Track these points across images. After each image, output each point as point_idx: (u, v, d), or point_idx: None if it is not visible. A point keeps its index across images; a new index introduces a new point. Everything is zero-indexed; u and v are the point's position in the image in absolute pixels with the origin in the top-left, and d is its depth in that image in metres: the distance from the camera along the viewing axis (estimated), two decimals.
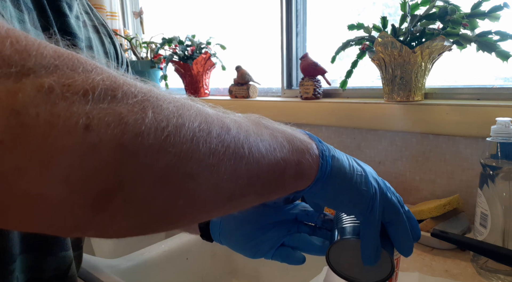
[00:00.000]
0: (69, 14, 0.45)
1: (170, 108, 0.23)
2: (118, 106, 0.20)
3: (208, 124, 0.24)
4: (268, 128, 0.31)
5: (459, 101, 0.83)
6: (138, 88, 0.22)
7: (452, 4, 0.76)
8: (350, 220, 0.40)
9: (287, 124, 0.38)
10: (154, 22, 1.67)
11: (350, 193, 0.34)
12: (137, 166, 0.20)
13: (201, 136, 0.23)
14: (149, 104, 0.22)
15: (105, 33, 0.58)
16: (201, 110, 0.26)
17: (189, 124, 0.23)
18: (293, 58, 1.17)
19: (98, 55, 0.53)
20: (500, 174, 0.58)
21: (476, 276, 0.61)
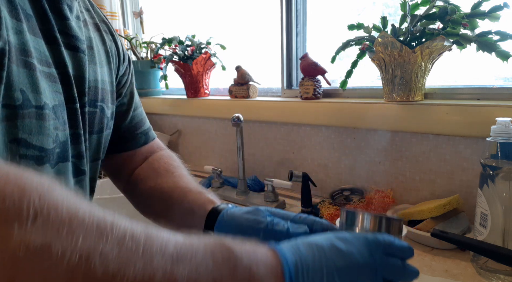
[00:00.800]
0: (70, 17, 0.45)
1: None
2: (46, 273, 0.21)
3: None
4: (235, 267, 0.31)
5: (459, 101, 0.83)
6: (78, 243, 0.23)
7: (452, 4, 0.76)
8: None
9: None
10: (154, 22, 1.67)
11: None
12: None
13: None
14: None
15: (106, 30, 0.57)
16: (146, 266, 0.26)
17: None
18: (293, 58, 1.17)
19: (99, 54, 0.52)
20: (500, 174, 0.58)
21: (476, 276, 0.61)
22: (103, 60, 0.54)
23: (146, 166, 0.64)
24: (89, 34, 0.51)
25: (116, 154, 0.63)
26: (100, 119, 0.52)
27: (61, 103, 0.42)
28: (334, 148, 1.00)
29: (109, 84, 0.55)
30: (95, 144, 0.53)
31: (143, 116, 0.66)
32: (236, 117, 0.98)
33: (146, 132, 0.66)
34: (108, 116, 0.54)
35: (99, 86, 0.51)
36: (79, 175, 0.47)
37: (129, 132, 0.63)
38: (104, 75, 0.53)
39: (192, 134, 1.38)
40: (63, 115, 0.42)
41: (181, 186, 0.59)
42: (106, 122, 0.54)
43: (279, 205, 0.95)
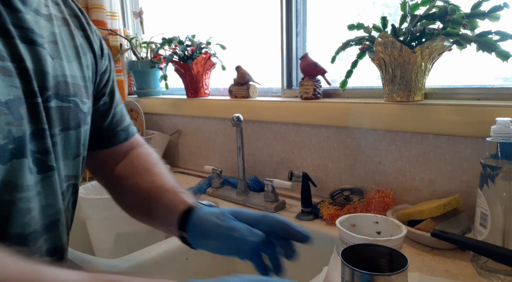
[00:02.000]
0: (22, 9, 0.44)
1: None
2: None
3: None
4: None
5: (459, 101, 0.83)
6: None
7: (452, 4, 0.76)
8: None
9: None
10: (154, 22, 1.67)
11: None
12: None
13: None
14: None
15: (77, 25, 0.56)
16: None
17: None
18: (293, 58, 1.17)
19: (65, 49, 0.51)
20: (500, 174, 0.58)
21: (476, 276, 0.61)
22: (71, 55, 0.53)
23: (126, 164, 0.64)
24: (53, 29, 0.50)
25: (97, 151, 0.63)
26: (75, 114, 0.52)
27: (18, 98, 0.41)
28: (334, 148, 1.00)
29: (81, 79, 0.54)
30: (74, 140, 0.52)
31: (123, 113, 0.66)
32: (236, 117, 0.98)
33: (126, 129, 0.66)
34: (84, 111, 0.54)
35: (69, 81, 0.50)
36: (46, 171, 0.46)
37: (111, 130, 0.63)
38: (73, 70, 0.52)
39: (192, 134, 1.38)
40: (19, 110, 0.41)
41: (158, 185, 0.60)
42: (83, 117, 0.54)
43: (279, 205, 0.96)
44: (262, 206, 0.96)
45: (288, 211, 0.95)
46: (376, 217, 0.64)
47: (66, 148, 0.51)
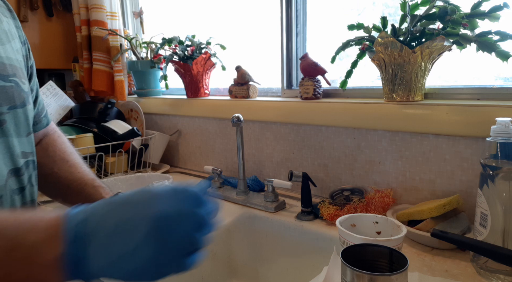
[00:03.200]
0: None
1: None
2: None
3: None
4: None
5: (459, 101, 0.83)
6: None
7: (452, 4, 0.76)
8: None
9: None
10: (154, 22, 1.67)
11: (122, 272, 0.32)
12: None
13: None
14: None
15: (3, 12, 0.58)
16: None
17: None
18: (293, 58, 1.17)
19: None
20: (500, 174, 0.58)
21: (476, 276, 0.61)
22: (3, 38, 0.54)
23: (41, 151, 0.66)
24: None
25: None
26: (19, 93, 0.54)
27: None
28: (334, 148, 1.00)
29: (16, 61, 0.56)
30: (23, 118, 0.54)
31: (43, 102, 0.69)
32: (236, 117, 0.98)
33: (46, 115, 0.69)
34: (26, 91, 0.56)
35: (5, 62, 0.52)
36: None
37: (37, 117, 0.66)
38: (7, 52, 0.54)
39: (192, 134, 1.38)
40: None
41: (77, 178, 0.62)
42: (26, 97, 0.56)
43: (279, 205, 0.96)
44: (262, 206, 0.96)
45: (288, 211, 0.95)
46: (376, 217, 0.64)
47: (18, 126, 0.53)
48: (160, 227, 0.33)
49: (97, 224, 0.32)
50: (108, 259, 0.31)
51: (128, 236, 0.32)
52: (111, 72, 1.54)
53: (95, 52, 1.53)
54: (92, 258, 0.31)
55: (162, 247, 0.33)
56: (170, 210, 0.34)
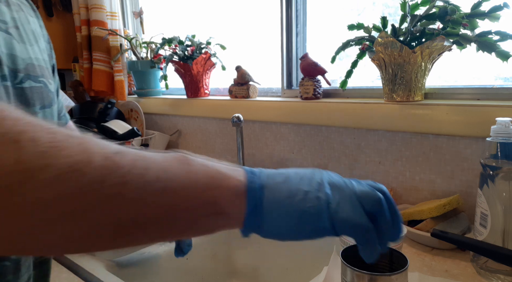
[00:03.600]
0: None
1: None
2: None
3: (84, 162, 0.25)
4: (188, 164, 0.30)
5: (459, 101, 0.83)
6: (6, 128, 0.24)
7: (452, 4, 0.76)
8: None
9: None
10: (154, 22, 1.67)
11: (289, 220, 0.31)
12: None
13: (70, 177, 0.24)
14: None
15: (29, 12, 0.58)
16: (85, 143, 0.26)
17: (58, 160, 0.24)
18: (293, 58, 1.17)
19: (26, 34, 0.53)
20: (500, 174, 0.58)
21: (476, 276, 0.61)
22: (32, 39, 0.55)
23: None
24: (13, 14, 0.52)
25: None
26: (47, 94, 0.54)
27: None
28: (334, 148, 1.00)
29: (43, 61, 0.56)
30: (50, 117, 0.55)
31: (62, 99, 0.69)
32: (236, 117, 0.98)
33: (65, 114, 0.69)
34: (52, 91, 0.56)
35: (35, 63, 0.53)
36: None
37: (57, 114, 0.65)
38: (36, 53, 0.54)
39: (192, 134, 1.38)
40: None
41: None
42: (53, 97, 0.56)
43: None
44: None
45: None
46: None
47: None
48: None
49: (270, 187, 0.32)
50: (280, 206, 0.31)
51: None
52: (111, 72, 1.54)
53: (95, 52, 1.53)
54: (268, 207, 0.31)
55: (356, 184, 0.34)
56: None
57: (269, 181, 0.32)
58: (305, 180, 0.32)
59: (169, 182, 0.27)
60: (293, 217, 0.31)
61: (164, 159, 0.29)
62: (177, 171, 0.28)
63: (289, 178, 0.33)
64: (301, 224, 0.31)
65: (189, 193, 0.28)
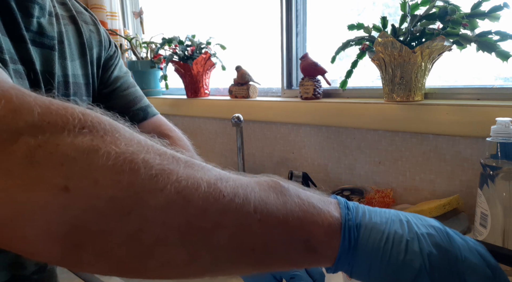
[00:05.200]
0: (37, 15, 0.46)
1: (153, 171, 0.23)
2: (95, 171, 0.22)
3: (189, 187, 0.24)
4: (283, 194, 0.29)
5: (459, 101, 0.83)
6: (122, 148, 0.24)
7: (452, 4, 0.76)
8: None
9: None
10: (154, 22, 1.67)
11: (385, 267, 0.28)
12: (106, 226, 0.22)
13: (179, 201, 0.24)
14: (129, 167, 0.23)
15: (85, 20, 0.57)
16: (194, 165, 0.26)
17: (168, 185, 0.23)
18: (293, 58, 1.17)
19: (70, 48, 0.53)
20: (500, 174, 0.58)
21: None
22: (75, 54, 0.54)
23: None
24: (61, 29, 0.51)
25: None
26: None
27: None
28: (334, 148, 1.00)
29: (83, 77, 0.55)
30: None
31: (137, 94, 0.67)
32: (236, 117, 0.98)
33: (144, 109, 0.66)
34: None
35: (69, 81, 0.52)
36: None
37: (125, 109, 0.63)
38: (75, 68, 0.53)
39: (192, 134, 1.38)
40: None
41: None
42: None
43: None
44: None
45: None
46: None
47: None
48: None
49: (367, 226, 0.29)
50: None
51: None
52: None
53: None
54: (362, 248, 0.29)
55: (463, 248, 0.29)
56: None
57: (366, 220, 0.30)
58: (406, 226, 0.29)
59: (267, 215, 0.27)
60: (390, 267, 0.28)
61: (260, 187, 0.28)
62: (274, 202, 0.28)
63: (388, 219, 0.30)
64: (398, 276, 0.28)
65: (284, 228, 0.27)
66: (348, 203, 0.31)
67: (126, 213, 0.22)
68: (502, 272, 0.29)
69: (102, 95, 0.61)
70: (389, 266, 0.28)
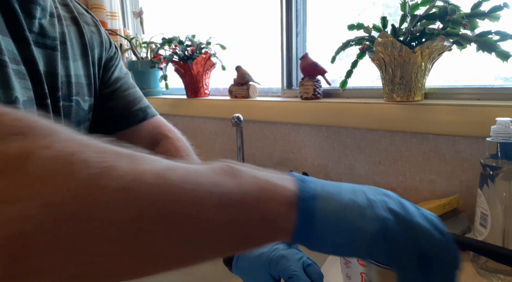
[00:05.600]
0: (39, 16, 0.46)
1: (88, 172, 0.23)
2: (26, 178, 0.21)
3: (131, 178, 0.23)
4: (237, 176, 0.28)
5: (459, 101, 0.83)
6: (57, 150, 0.23)
7: (452, 4, 0.76)
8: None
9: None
10: (154, 22, 1.67)
11: (343, 235, 0.28)
12: (45, 236, 0.21)
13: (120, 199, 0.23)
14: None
15: (86, 21, 0.58)
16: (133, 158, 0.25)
17: (110, 182, 0.23)
18: (293, 58, 1.17)
19: (72, 49, 0.53)
20: (500, 174, 0.58)
21: (476, 276, 0.61)
22: (77, 54, 0.54)
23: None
24: (63, 29, 0.51)
25: (117, 133, 0.63)
26: (77, 113, 0.53)
27: (30, 99, 0.43)
28: (334, 148, 1.00)
29: (85, 77, 0.55)
30: None
31: (137, 95, 0.67)
32: (236, 117, 0.98)
33: (144, 109, 0.66)
34: (85, 109, 0.55)
35: (72, 81, 0.52)
36: None
37: (125, 109, 0.63)
38: (78, 69, 0.54)
39: (192, 134, 1.38)
40: (33, 111, 0.44)
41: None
42: (84, 115, 0.55)
43: None
44: None
45: None
46: None
47: None
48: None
49: (324, 198, 0.29)
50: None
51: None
52: None
53: None
54: (320, 219, 0.28)
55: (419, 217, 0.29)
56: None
57: (322, 191, 0.29)
58: (360, 195, 0.30)
59: (222, 197, 0.26)
60: (347, 234, 0.28)
61: (213, 171, 0.28)
62: (228, 184, 0.27)
63: (342, 189, 0.30)
64: (355, 243, 0.28)
65: (242, 208, 0.27)
66: (304, 177, 0.31)
67: (68, 218, 0.21)
68: (451, 239, 0.30)
69: (103, 95, 0.61)
70: (346, 233, 0.28)
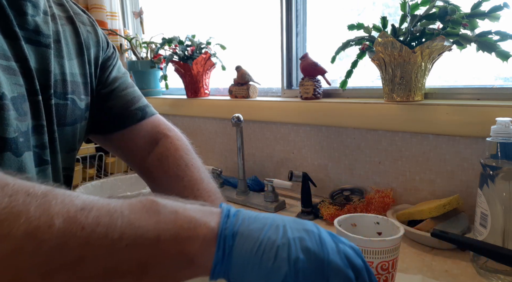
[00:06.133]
0: (31, 12, 0.46)
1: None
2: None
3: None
4: (156, 212, 0.29)
5: (459, 101, 0.83)
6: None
7: (452, 4, 0.76)
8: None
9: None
10: (154, 22, 1.67)
11: (257, 274, 0.29)
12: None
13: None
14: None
15: (83, 21, 0.58)
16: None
17: (14, 228, 0.23)
18: (293, 58, 1.17)
19: (67, 47, 0.53)
20: (500, 174, 0.58)
21: (476, 276, 0.61)
22: (73, 53, 0.54)
23: (156, 164, 0.62)
24: (57, 28, 0.51)
25: (116, 132, 0.63)
26: (72, 111, 0.53)
27: (22, 95, 0.43)
28: (334, 148, 1.00)
29: (81, 76, 0.55)
30: (70, 135, 0.53)
31: (136, 94, 0.66)
32: (236, 117, 0.98)
33: (143, 108, 0.65)
34: (82, 108, 0.55)
35: (67, 79, 0.52)
36: (42, 165, 0.48)
37: (124, 109, 0.63)
38: (73, 67, 0.53)
39: (192, 134, 1.38)
40: (24, 107, 0.43)
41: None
42: (80, 114, 0.55)
43: (279, 205, 0.96)
44: (262, 206, 0.96)
45: (288, 211, 0.95)
46: (377, 217, 0.64)
47: (62, 143, 0.52)
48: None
49: (243, 234, 0.30)
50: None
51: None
52: None
53: None
54: (237, 256, 0.29)
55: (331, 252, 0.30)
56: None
57: (242, 228, 0.30)
58: (281, 232, 0.30)
59: (136, 238, 0.27)
60: (261, 273, 0.29)
61: (131, 209, 0.28)
62: (145, 223, 0.28)
63: (267, 224, 0.31)
64: (270, 281, 0.29)
65: (157, 247, 0.28)
66: (231, 211, 0.32)
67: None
68: (365, 274, 0.31)
69: (101, 95, 0.61)
70: (260, 272, 0.29)
